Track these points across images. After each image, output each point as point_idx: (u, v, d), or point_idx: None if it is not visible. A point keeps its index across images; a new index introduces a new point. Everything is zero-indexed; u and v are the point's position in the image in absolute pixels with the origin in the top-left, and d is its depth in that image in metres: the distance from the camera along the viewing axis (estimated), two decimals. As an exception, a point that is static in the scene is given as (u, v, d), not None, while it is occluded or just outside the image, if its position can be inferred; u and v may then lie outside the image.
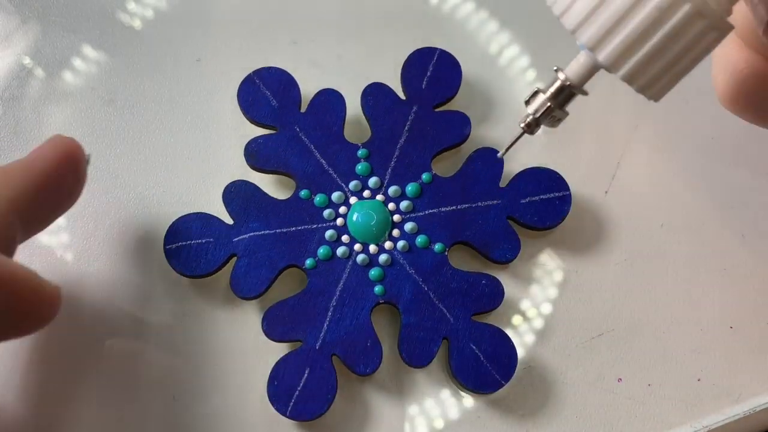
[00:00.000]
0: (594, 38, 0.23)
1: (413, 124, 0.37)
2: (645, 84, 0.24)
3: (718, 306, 0.37)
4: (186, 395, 0.34)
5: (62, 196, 0.32)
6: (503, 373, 0.34)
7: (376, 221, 0.35)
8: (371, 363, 0.33)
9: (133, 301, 0.35)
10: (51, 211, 0.32)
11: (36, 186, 0.29)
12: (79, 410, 0.33)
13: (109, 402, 0.33)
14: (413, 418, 0.34)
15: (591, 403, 0.35)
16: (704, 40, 0.23)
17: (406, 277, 0.35)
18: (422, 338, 0.34)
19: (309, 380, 0.33)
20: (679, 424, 0.35)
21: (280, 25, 0.41)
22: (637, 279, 0.37)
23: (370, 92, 0.37)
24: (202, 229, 0.35)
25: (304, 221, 0.35)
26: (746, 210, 0.39)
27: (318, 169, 0.36)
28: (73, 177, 0.32)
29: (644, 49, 0.23)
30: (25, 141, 0.37)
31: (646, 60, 0.23)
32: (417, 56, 0.38)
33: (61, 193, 0.31)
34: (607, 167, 0.39)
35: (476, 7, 0.42)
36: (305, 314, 0.34)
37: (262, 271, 0.34)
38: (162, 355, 0.34)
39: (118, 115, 0.38)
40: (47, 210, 0.31)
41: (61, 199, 0.32)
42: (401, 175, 0.36)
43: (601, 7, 0.23)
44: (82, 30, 0.40)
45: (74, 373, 0.34)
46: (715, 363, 0.36)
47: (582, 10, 0.23)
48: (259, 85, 0.37)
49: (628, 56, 0.23)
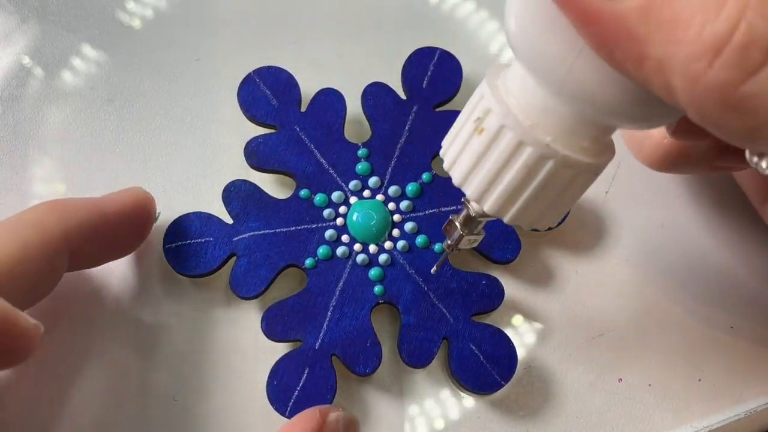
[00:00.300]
0: (476, 193, 0.25)
1: (414, 124, 0.37)
2: (532, 222, 0.26)
3: (718, 306, 0.37)
4: (185, 395, 0.34)
5: (119, 243, 0.33)
6: (503, 373, 0.34)
7: (376, 221, 0.35)
8: (371, 363, 0.33)
9: (133, 301, 0.35)
10: (103, 252, 0.33)
11: (95, 226, 0.31)
12: (79, 410, 0.33)
13: (109, 402, 0.33)
14: (413, 418, 0.34)
15: (591, 403, 0.35)
16: (577, 181, 0.25)
17: (406, 277, 0.35)
18: (422, 338, 0.34)
19: (308, 380, 0.33)
20: (679, 424, 0.35)
21: (280, 25, 0.41)
22: (637, 279, 0.37)
23: (370, 92, 0.37)
24: (202, 229, 0.35)
25: (303, 221, 0.35)
26: (747, 210, 0.38)
27: (318, 169, 0.36)
28: (135, 229, 0.33)
29: (521, 199, 0.25)
30: (25, 141, 0.37)
31: (526, 206, 0.25)
32: (417, 56, 0.38)
33: (118, 240, 0.33)
34: (608, 167, 0.39)
35: (476, 7, 0.42)
36: (305, 314, 0.34)
37: (262, 271, 0.34)
38: (161, 355, 0.34)
39: (117, 115, 0.38)
40: (100, 251, 0.33)
41: (117, 246, 0.33)
42: (401, 175, 0.36)
43: (477, 168, 0.25)
44: (82, 29, 0.40)
45: (74, 373, 0.34)
46: (716, 363, 0.36)
47: (463, 169, 0.25)
48: (259, 84, 0.37)
49: (509, 206, 0.25)
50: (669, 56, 0.18)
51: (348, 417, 0.30)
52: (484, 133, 0.24)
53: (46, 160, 0.37)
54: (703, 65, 0.17)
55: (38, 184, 0.37)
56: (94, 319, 0.34)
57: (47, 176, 0.37)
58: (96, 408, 0.33)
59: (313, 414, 0.29)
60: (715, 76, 0.17)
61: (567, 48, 0.21)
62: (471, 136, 0.25)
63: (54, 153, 0.37)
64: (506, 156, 0.24)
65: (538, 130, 0.23)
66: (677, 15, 0.17)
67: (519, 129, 0.23)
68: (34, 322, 0.26)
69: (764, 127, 0.18)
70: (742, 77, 0.17)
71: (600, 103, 0.22)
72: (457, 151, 0.26)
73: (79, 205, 0.31)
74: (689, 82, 0.18)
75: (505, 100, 0.24)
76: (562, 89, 0.22)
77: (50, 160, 0.37)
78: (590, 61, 0.21)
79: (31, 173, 0.37)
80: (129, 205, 0.32)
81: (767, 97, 0.17)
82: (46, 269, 0.29)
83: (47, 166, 0.37)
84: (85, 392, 0.33)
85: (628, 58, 0.19)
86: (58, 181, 0.37)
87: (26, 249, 0.28)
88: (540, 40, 0.22)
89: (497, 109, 0.24)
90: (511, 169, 0.24)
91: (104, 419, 0.33)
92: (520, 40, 0.22)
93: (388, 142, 0.37)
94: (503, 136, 0.24)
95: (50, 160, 0.37)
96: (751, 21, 0.16)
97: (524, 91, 0.23)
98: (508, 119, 0.23)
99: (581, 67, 0.21)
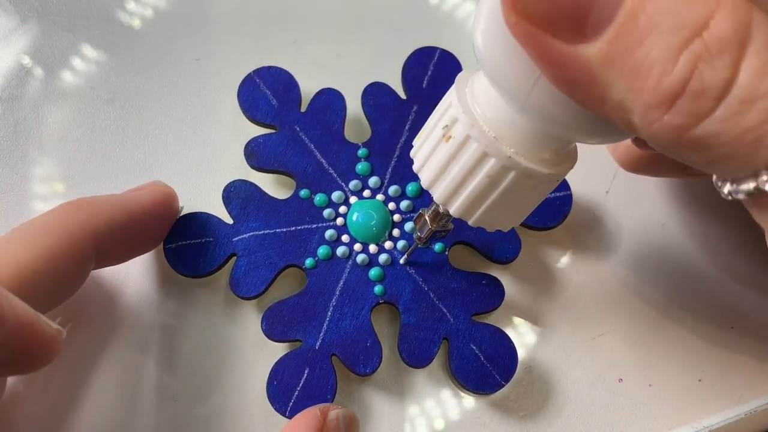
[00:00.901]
0: (442, 197, 0.26)
1: (414, 124, 0.37)
2: (494, 225, 0.27)
3: (718, 306, 0.37)
4: (186, 395, 0.34)
5: (144, 239, 0.34)
6: (503, 373, 0.34)
7: (376, 221, 0.35)
8: (371, 363, 0.33)
9: (133, 300, 0.35)
10: (129, 249, 0.33)
11: (121, 224, 0.31)
12: (79, 410, 0.33)
13: (109, 402, 0.33)
14: (413, 418, 0.34)
15: (592, 403, 0.35)
16: (537, 189, 0.26)
17: (406, 277, 0.35)
18: (422, 338, 0.34)
19: (309, 380, 0.33)
20: (680, 424, 0.35)
21: (280, 25, 0.41)
22: (637, 279, 0.37)
23: (370, 92, 0.37)
24: (202, 229, 0.34)
25: (304, 221, 0.35)
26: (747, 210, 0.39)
27: (318, 169, 0.36)
28: (159, 224, 0.34)
29: (485, 205, 0.26)
30: (25, 141, 0.37)
31: (488, 211, 0.26)
32: (418, 56, 0.38)
33: (143, 236, 0.33)
34: (608, 167, 0.39)
35: (476, 7, 0.42)
36: (305, 314, 0.34)
37: (262, 271, 0.34)
38: (162, 355, 0.34)
39: (117, 115, 0.38)
40: (126, 248, 0.33)
41: (142, 242, 0.34)
42: (401, 175, 0.36)
43: (444, 173, 0.26)
44: (82, 29, 0.40)
45: (74, 373, 0.34)
46: (716, 363, 0.36)
47: (431, 173, 0.26)
48: (259, 84, 0.37)
49: (472, 211, 0.26)
50: (629, 100, 0.19)
51: (348, 414, 0.30)
52: (451, 141, 0.25)
53: (46, 159, 0.37)
54: (661, 112, 0.19)
55: (38, 183, 0.37)
56: (92, 319, 0.34)
57: (47, 176, 0.37)
58: (96, 408, 0.33)
59: (314, 413, 0.29)
60: (671, 120, 0.19)
61: (529, 71, 0.22)
62: (439, 141, 0.26)
63: (54, 153, 0.37)
64: (471, 165, 0.25)
65: (502, 142, 0.24)
66: (637, 65, 0.19)
67: (484, 140, 0.24)
68: (56, 328, 0.26)
69: (718, 160, 0.19)
70: (694, 122, 0.19)
71: (560, 121, 0.23)
72: (426, 155, 0.27)
73: (105, 204, 0.31)
74: (647, 124, 0.19)
75: (471, 110, 0.25)
76: (524, 106, 0.23)
77: (50, 160, 0.37)
78: (549, 85, 0.21)
79: (31, 173, 0.37)
80: (153, 201, 0.33)
81: (718, 137, 0.19)
82: (72, 270, 0.29)
83: (47, 166, 0.37)
84: (85, 393, 0.33)
85: (589, 98, 0.20)
86: (58, 181, 0.37)
87: (52, 251, 0.28)
88: (503, 61, 0.22)
89: (464, 119, 0.24)
90: (476, 177, 0.25)
91: (105, 419, 0.33)
92: (485, 56, 0.23)
93: (388, 142, 0.37)
94: (469, 146, 0.25)
95: (50, 160, 0.37)
96: (702, 72, 0.18)
97: (489, 102, 0.24)
98: (474, 130, 0.24)
99: (541, 90, 0.22)
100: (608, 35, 0.19)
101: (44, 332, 0.25)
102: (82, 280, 0.31)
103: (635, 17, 0.18)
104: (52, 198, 0.36)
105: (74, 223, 0.29)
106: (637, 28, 0.18)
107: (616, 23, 0.19)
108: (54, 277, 0.28)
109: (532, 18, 0.20)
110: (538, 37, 0.20)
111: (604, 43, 0.19)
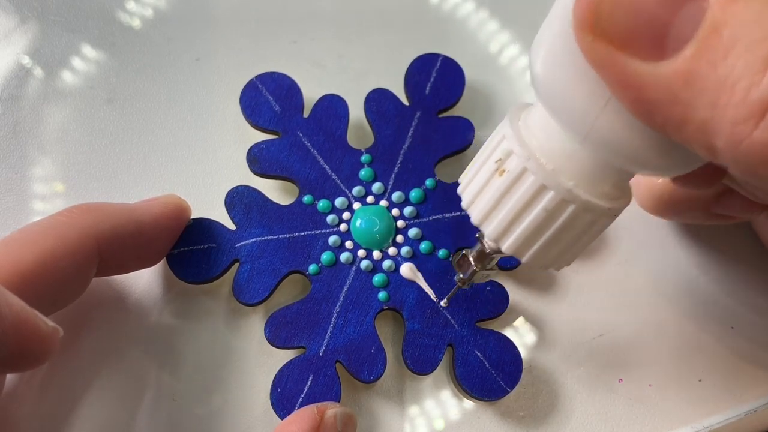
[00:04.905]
0: (494, 234, 0.26)
1: (417, 130, 0.37)
2: (547, 264, 0.26)
3: (718, 306, 0.37)
4: (189, 404, 0.34)
5: (151, 252, 0.33)
6: (508, 379, 0.34)
7: (379, 227, 0.35)
8: (375, 370, 0.33)
9: (135, 306, 0.35)
10: (134, 260, 0.33)
11: (127, 232, 0.31)
12: (80, 411, 0.33)
13: (110, 405, 0.33)
14: (417, 426, 0.34)
15: (592, 403, 0.35)
16: (596, 225, 0.25)
17: (410, 283, 0.35)
18: (427, 345, 0.34)
19: (312, 387, 0.33)
20: (680, 424, 0.35)
21: (281, 25, 0.41)
22: (637, 279, 0.38)
23: (373, 98, 0.37)
24: (205, 235, 0.34)
25: (307, 227, 0.35)
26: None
27: (321, 175, 0.36)
28: (165, 236, 0.33)
29: (540, 241, 0.25)
30: (25, 141, 0.37)
31: (543, 248, 0.25)
32: (420, 62, 0.38)
33: (151, 249, 0.33)
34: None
35: (476, 8, 0.42)
36: (308, 321, 0.34)
37: (265, 277, 0.34)
38: (164, 363, 0.34)
39: (117, 115, 0.38)
40: (130, 259, 0.33)
41: (148, 255, 0.33)
42: (405, 181, 0.36)
43: (497, 209, 0.25)
44: (82, 29, 0.39)
45: (75, 374, 0.34)
46: (716, 363, 0.36)
47: (483, 208, 0.25)
48: (261, 90, 0.36)
49: (527, 248, 0.25)
50: (713, 119, 0.18)
51: (346, 412, 0.30)
52: (506, 175, 0.24)
53: (46, 159, 0.37)
54: (749, 127, 0.17)
55: (38, 183, 0.37)
56: (95, 322, 0.34)
57: (47, 176, 0.37)
58: (96, 409, 0.33)
59: (311, 411, 0.30)
60: (760, 137, 0.17)
61: (594, 99, 0.21)
62: (492, 176, 0.25)
63: (54, 153, 0.37)
64: (527, 198, 0.24)
65: (561, 174, 0.23)
66: (722, 79, 0.17)
67: (542, 173, 0.23)
68: (52, 325, 0.26)
69: None
70: None
71: (625, 152, 0.22)
72: (476, 191, 0.26)
73: (113, 210, 0.31)
74: (734, 143, 0.18)
75: (527, 143, 0.24)
76: (587, 138, 0.22)
77: (50, 160, 0.37)
78: (617, 113, 0.21)
79: (30, 173, 0.37)
80: (163, 213, 0.32)
81: None
82: (73, 274, 0.29)
83: (47, 166, 0.37)
84: (85, 393, 0.33)
85: (669, 121, 0.19)
86: (57, 181, 0.37)
87: (54, 253, 0.28)
88: (567, 89, 0.22)
89: (519, 152, 0.24)
90: (532, 211, 0.24)
91: (104, 420, 0.33)
92: (546, 85, 0.22)
93: (392, 148, 0.36)
94: (525, 179, 0.24)
95: (50, 160, 0.37)
96: None
97: (547, 134, 0.24)
98: (531, 163, 0.23)
99: (608, 118, 0.21)
100: (689, 51, 0.18)
101: (40, 330, 0.25)
102: (84, 284, 0.31)
103: (718, 30, 0.18)
104: (52, 198, 0.36)
105: (79, 225, 0.29)
106: (721, 41, 0.17)
107: (698, 38, 0.18)
108: (55, 278, 0.28)
109: (610, 36, 0.19)
110: (615, 58, 0.19)
111: (685, 59, 0.18)
